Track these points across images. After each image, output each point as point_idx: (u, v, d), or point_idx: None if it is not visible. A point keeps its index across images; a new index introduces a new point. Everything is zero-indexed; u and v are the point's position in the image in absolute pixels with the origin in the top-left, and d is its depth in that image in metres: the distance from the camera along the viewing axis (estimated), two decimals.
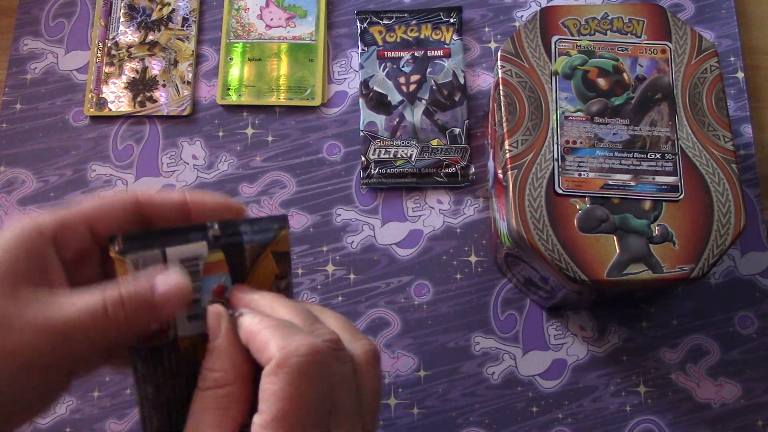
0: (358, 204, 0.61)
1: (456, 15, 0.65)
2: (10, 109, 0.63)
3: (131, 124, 0.63)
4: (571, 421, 0.55)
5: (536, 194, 0.49)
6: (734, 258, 0.59)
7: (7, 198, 0.61)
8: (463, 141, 0.61)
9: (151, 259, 0.33)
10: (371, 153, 0.61)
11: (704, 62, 0.52)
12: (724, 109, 0.51)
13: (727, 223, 0.48)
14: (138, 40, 0.65)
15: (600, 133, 0.50)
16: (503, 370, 0.56)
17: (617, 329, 0.57)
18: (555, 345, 0.57)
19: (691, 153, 0.50)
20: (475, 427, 0.55)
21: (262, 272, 0.35)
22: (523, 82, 0.51)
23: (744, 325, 0.57)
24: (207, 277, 0.34)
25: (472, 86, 0.64)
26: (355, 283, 0.58)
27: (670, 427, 0.55)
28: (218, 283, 0.34)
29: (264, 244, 0.34)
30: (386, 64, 0.63)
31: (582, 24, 0.53)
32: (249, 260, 0.34)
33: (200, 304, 0.34)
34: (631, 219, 0.48)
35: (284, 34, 0.65)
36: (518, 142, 0.50)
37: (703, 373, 0.56)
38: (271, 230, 0.34)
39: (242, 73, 0.64)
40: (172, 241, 0.33)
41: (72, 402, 0.56)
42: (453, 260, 0.59)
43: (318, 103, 0.63)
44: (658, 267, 0.47)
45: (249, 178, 0.61)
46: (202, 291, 0.34)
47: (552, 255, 0.47)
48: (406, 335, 0.57)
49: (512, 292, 0.58)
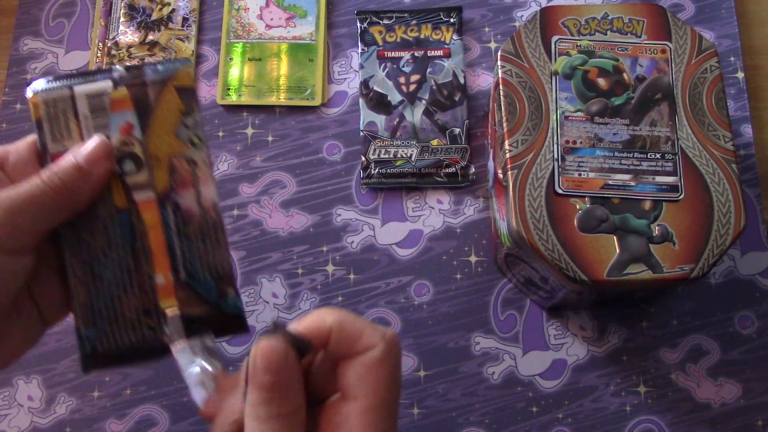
0: (358, 204, 0.61)
1: (456, 15, 0.65)
2: (10, 109, 0.63)
3: None
4: (571, 421, 0.55)
5: (536, 194, 0.49)
6: (734, 258, 0.59)
7: None
8: (463, 141, 0.61)
9: (61, 98, 0.36)
10: (371, 153, 0.61)
11: (704, 62, 0.52)
12: (724, 109, 0.51)
13: (727, 223, 0.48)
14: (138, 40, 0.65)
15: (600, 133, 0.50)
16: (503, 370, 0.56)
17: (617, 329, 0.57)
18: (555, 345, 0.57)
19: (691, 153, 0.50)
20: (475, 427, 0.55)
21: (166, 107, 0.36)
22: (523, 82, 0.51)
23: (744, 325, 0.57)
24: (113, 114, 0.36)
25: (472, 86, 0.64)
26: (355, 283, 0.58)
27: (670, 427, 0.55)
28: (125, 120, 0.36)
29: (165, 80, 0.36)
30: (386, 64, 0.63)
31: (582, 24, 0.53)
32: (152, 96, 0.36)
33: (110, 141, 0.36)
34: (631, 219, 0.48)
35: (284, 34, 0.65)
36: (518, 142, 0.50)
37: (703, 373, 0.56)
38: (172, 68, 0.36)
39: (242, 73, 0.64)
40: (80, 80, 0.36)
41: (72, 402, 0.56)
42: (453, 260, 0.59)
43: (318, 103, 0.63)
44: (658, 267, 0.47)
45: (249, 178, 0.61)
46: (110, 128, 0.36)
47: (552, 255, 0.47)
48: (406, 335, 0.57)
49: (512, 292, 0.58)
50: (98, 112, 0.36)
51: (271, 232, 0.60)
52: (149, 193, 0.36)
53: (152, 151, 0.36)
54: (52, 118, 0.36)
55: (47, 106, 0.36)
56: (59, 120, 0.36)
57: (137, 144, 0.36)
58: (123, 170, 0.36)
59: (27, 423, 0.55)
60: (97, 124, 0.36)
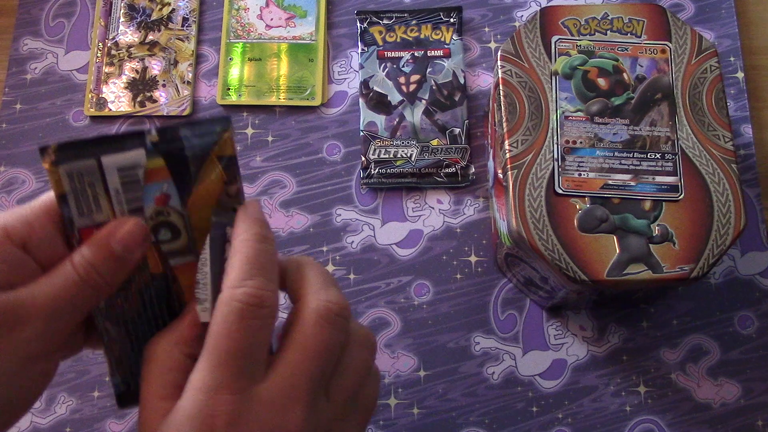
0: (358, 204, 0.61)
1: (456, 15, 0.65)
2: (10, 109, 0.63)
3: (131, 124, 0.63)
4: (571, 421, 0.55)
5: (536, 194, 0.49)
6: (734, 258, 0.59)
7: (7, 198, 0.61)
8: (463, 141, 0.61)
9: (87, 170, 0.32)
10: (371, 153, 0.61)
11: (704, 62, 0.52)
12: (724, 109, 0.51)
13: (727, 223, 0.48)
14: (138, 40, 0.65)
15: (600, 133, 0.50)
16: (503, 370, 0.56)
17: (617, 329, 0.57)
18: (555, 345, 0.57)
19: (691, 153, 0.50)
20: (475, 427, 0.55)
21: (208, 179, 0.33)
22: (523, 82, 0.51)
23: (744, 325, 0.57)
24: (148, 185, 0.33)
25: (472, 86, 0.64)
26: (355, 283, 0.58)
27: (670, 427, 0.55)
28: (160, 191, 0.33)
29: (207, 149, 0.33)
30: (386, 64, 0.63)
31: (582, 24, 0.53)
32: (193, 166, 0.33)
33: (144, 214, 0.33)
34: (631, 219, 0.48)
35: (284, 34, 0.65)
36: (518, 142, 0.50)
37: (703, 373, 0.56)
38: (213, 133, 0.33)
39: (242, 73, 0.64)
40: (108, 149, 0.32)
41: (72, 402, 0.56)
42: (453, 260, 0.59)
43: (318, 103, 0.63)
44: (658, 267, 0.47)
45: (249, 178, 0.61)
46: (144, 200, 0.33)
47: (552, 255, 0.47)
48: (406, 335, 0.57)
49: (512, 292, 0.58)
50: (131, 185, 0.32)
51: None
52: (187, 258, 0.35)
53: (195, 224, 0.34)
54: (79, 192, 0.32)
55: (71, 179, 0.32)
56: (87, 194, 0.32)
57: (174, 213, 0.34)
58: (158, 239, 0.34)
59: (27, 423, 0.55)
60: (130, 198, 0.33)
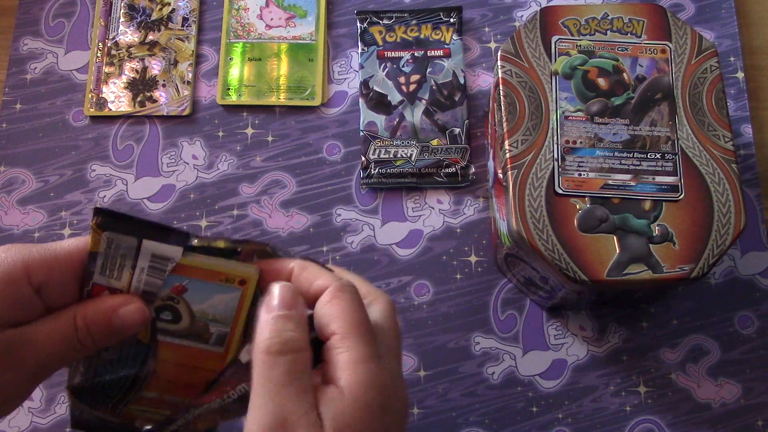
0: (358, 204, 0.61)
1: (456, 15, 0.65)
2: (10, 109, 0.63)
3: (131, 124, 0.63)
4: (571, 421, 0.55)
5: (536, 194, 0.49)
6: (734, 258, 0.59)
7: (7, 198, 0.61)
8: (463, 141, 0.61)
9: (126, 244, 0.33)
10: (371, 153, 0.61)
11: (704, 62, 0.52)
12: (724, 109, 0.51)
13: (727, 223, 0.48)
14: (138, 40, 0.65)
15: (600, 133, 0.50)
16: (503, 370, 0.56)
17: (617, 329, 0.57)
18: (555, 345, 0.57)
19: (691, 153, 0.50)
20: (475, 427, 0.55)
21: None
22: (523, 82, 0.51)
23: (744, 325, 0.57)
24: (171, 276, 0.34)
25: (472, 86, 0.64)
26: None
27: (670, 427, 0.55)
28: (182, 283, 0.34)
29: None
30: (386, 64, 0.63)
31: (582, 24, 0.53)
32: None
33: (157, 295, 0.35)
34: (631, 219, 0.48)
35: (284, 34, 0.65)
36: (518, 142, 0.50)
37: (703, 373, 0.56)
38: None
39: (242, 73, 0.64)
40: (152, 235, 0.33)
41: None
42: (453, 260, 0.59)
43: (318, 103, 0.63)
44: (658, 267, 0.47)
45: (249, 178, 0.61)
46: (162, 288, 0.34)
47: (552, 255, 0.47)
48: (406, 335, 0.57)
49: (512, 292, 0.58)
50: (157, 272, 0.34)
51: (271, 232, 0.60)
52: (177, 339, 0.36)
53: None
54: (109, 257, 0.34)
55: (109, 245, 0.34)
56: (115, 262, 0.34)
57: (183, 302, 0.35)
58: (159, 316, 0.35)
59: (27, 423, 0.55)
60: (150, 281, 0.34)
